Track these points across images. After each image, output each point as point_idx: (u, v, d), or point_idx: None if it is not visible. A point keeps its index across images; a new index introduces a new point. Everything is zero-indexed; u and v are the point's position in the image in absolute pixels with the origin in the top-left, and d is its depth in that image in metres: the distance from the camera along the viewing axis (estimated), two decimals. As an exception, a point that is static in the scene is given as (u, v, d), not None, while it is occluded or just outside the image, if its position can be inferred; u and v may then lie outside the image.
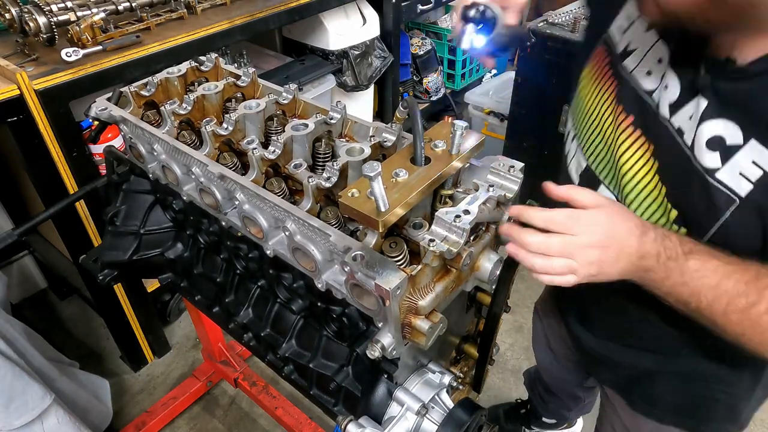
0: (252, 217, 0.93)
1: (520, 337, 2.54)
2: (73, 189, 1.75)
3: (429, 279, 0.83)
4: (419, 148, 0.82)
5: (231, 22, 2.00)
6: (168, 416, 2.13)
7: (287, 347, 1.10)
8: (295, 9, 2.24)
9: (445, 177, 0.83)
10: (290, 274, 1.05)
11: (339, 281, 0.87)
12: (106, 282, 1.35)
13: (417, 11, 3.15)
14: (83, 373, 2.06)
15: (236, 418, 2.24)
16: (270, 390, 2.04)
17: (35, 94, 1.56)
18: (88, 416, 1.91)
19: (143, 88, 1.22)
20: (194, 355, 2.46)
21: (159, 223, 1.32)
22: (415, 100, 3.30)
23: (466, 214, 0.77)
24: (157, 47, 1.80)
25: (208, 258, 1.29)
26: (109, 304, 2.10)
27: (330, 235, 0.82)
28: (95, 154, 1.92)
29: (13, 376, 1.49)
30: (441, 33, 3.79)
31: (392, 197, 0.75)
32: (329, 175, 0.91)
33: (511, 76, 2.89)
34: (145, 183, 1.30)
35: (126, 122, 1.15)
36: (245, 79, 1.22)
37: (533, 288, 2.78)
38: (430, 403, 0.93)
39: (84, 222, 1.86)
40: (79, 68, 1.63)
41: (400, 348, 0.84)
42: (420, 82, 3.67)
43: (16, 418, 1.50)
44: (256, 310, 1.19)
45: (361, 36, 2.81)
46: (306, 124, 1.03)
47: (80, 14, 1.75)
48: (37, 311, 2.66)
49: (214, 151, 1.05)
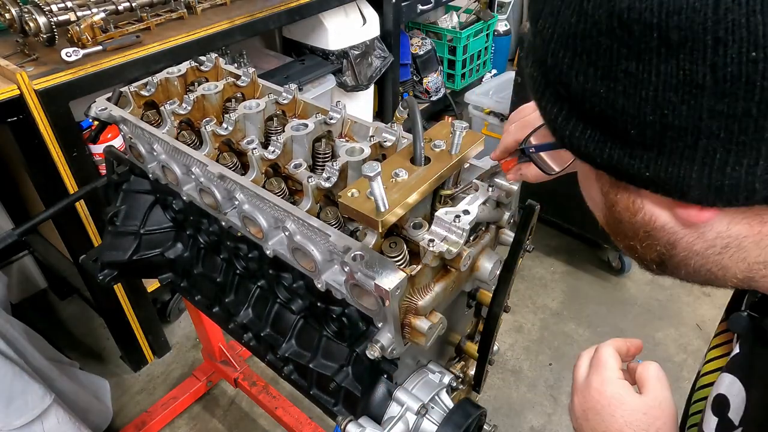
0: (252, 217, 0.93)
1: (520, 337, 2.54)
2: (73, 189, 1.75)
3: (428, 279, 0.83)
4: (419, 148, 0.82)
5: (231, 22, 2.00)
6: (168, 416, 2.13)
7: (287, 347, 1.10)
8: (295, 9, 2.24)
9: (445, 177, 0.83)
10: (290, 274, 1.05)
11: (339, 281, 0.87)
12: (106, 282, 1.35)
13: (417, 11, 3.15)
14: (83, 373, 2.06)
15: (236, 418, 2.24)
16: (270, 390, 2.04)
17: (35, 94, 1.56)
18: (88, 416, 1.91)
19: (143, 88, 1.22)
20: (194, 355, 2.46)
21: (159, 223, 1.32)
22: (415, 100, 3.30)
23: (465, 214, 0.77)
24: (157, 47, 1.80)
25: (208, 258, 1.29)
26: (109, 304, 2.10)
27: (330, 235, 0.82)
28: (95, 154, 1.92)
29: (13, 376, 1.49)
30: (441, 33, 3.79)
31: (392, 197, 0.75)
32: (329, 175, 0.91)
33: (511, 76, 2.89)
34: (145, 183, 1.30)
35: (126, 122, 1.15)
36: (245, 79, 1.22)
37: (533, 288, 2.78)
38: (430, 403, 0.93)
39: (84, 222, 1.86)
40: (79, 68, 1.63)
41: (400, 348, 0.84)
42: (420, 82, 3.67)
43: (16, 418, 1.50)
44: (255, 310, 1.19)
45: (361, 36, 2.81)
46: (306, 124, 1.03)
47: (80, 14, 1.75)
48: (37, 311, 2.66)
49: (214, 151, 1.05)
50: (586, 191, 0.58)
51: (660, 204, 0.49)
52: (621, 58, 0.41)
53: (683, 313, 2.61)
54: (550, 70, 0.47)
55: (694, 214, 0.46)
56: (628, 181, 0.47)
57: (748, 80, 0.37)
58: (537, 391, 2.30)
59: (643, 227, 0.51)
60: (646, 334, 2.51)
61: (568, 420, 2.21)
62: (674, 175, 0.43)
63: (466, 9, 4.06)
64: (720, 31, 0.36)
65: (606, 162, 0.47)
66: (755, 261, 0.49)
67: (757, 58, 0.36)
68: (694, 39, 0.37)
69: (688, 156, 0.42)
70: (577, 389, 0.72)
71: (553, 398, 2.28)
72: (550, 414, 2.22)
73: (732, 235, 0.47)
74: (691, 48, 0.38)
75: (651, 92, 0.40)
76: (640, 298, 2.69)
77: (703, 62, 0.38)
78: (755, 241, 0.47)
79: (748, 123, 0.39)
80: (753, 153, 0.40)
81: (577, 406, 0.71)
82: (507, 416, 2.22)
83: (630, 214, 0.51)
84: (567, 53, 0.44)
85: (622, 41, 0.40)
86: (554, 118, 0.49)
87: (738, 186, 0.41)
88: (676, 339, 2.49)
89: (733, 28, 0.36)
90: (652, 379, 0.68)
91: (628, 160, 0.45)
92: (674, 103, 0.40)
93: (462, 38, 3.73)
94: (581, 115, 0.46)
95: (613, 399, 0.67)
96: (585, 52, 0.43)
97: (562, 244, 2.98)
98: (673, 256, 0.52)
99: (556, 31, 0.45)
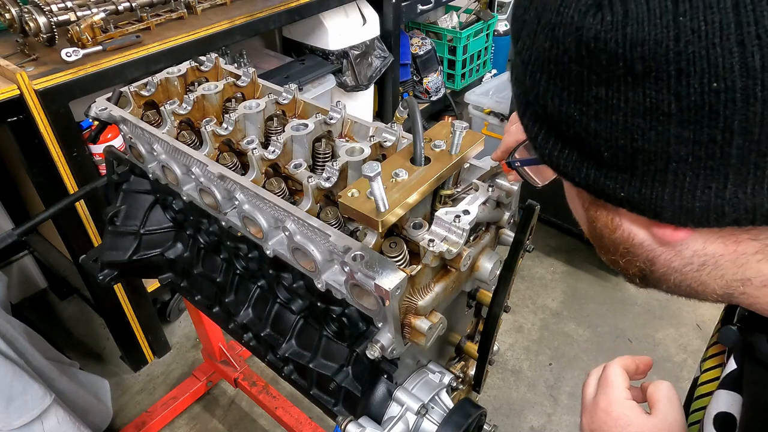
0: (252, 217, 0.93)
1: (520, 337, 2.54)
2: (73, 189, 1.75)
3: (428, 279, 0.83)
4: (419, 148, 0.82)
5: (231, 22, 2.00)
6: (168, 416, 2.13)
7: (287, 347, 1.10)
8: (295, 9, 2.24)
9: (445, 177, 0.83)
10: (290, 274, 1.05)
11: (339, 281, 0.87)
12: (106, 282, 1.35)
13: (417, 11, 3.15)
14: (83, 373, 2.06)
15: (236, 418, 2.24)
16: (270, 390, 2.04)
17: (35, 94, 1.56)
18: (88, 416, 1.91)
19: (143, 88, 1.22)
20: (194, 355, 2.46)
21: (159, 223, 1.32)
22: (415, 100, 3.29)
23: (465, 215, 0.77)
24: (157, 47, 1.80)
25: (208, 258, 1.29)
26: (109, 304, 2.10)
27: (330, 235, 0.82)
28: (95, 154, 1.92)
29: (13, 376, 1.49)
30: (441, 33, 3.79)
31: (392, 197, 0.75)
32: (329, 175, 0.91)
33: (511, 76, 2.89)
34: (145, 183, 1.30)
35: (126, 122, 1.15)
36: (245, 79, 1.22)
37: (533, 288, 2.78)
38: (430, 403, 0.93)
39: (84, 222, 1.86)
40: (79, 68, 1.63)
41: (400, 348, 0.84)
42: (420, 82, 3.67)
43: (16, 418, 1.50)
44: (256, 310, 1.19)
45: (361, 36, 2.81)
46: (306, 124, 1.03)
47: (80, 14, 1.75)
48: (37, 311, 2.66)
49: (214, 151, 1.05)
50: (570, 204, 0.60)
51: (637, 222, 0.49)
52: (591, 84, 0.42)
53: (683, 313, 2.61)
54: (529, 91, 0.48)
55: (669, 233, 0.47)
56: (605, 199, 0.48)
57: (711, 109, 0.38)
58: (537, 391, 2.31)
59: (623, 243, 0.52)
60: (646, 334, 2.52)
61: (568, 420, 2.21)
62: (647, 196, 0.44)
63: (466, 9, 4.06)
64: (682, 62, 0.37)
65: (584, 181, 0.48)
66: (732, 279, 0.49)
67: (718, 88, 0.37)
68: (658, 69, 0.38)
69: (659, 179, 0.43)
70: (585, 409, 0.72)
71: (553, 398, 2.28)
72: (550, 414, 2.22)
73: (708, 253, 0.48)
74: (656, 77, 0.39)
75: (621, 117, 0.41)
76: (640, 298, 2.69)
77: (668, 91, 0.39)
78: (731, 259, 0.48)
79: (713, 149, 0.39)
80: (721, 177, 0.40)
81: (585, 426, 0.71)
82: (507, 416, 2.22)
83: (609, 230, 0.52)
84: (543, 76, 0.45)
85: (591, 68, 0.41)
86: (535, 137, 0.50)
87: (708, 208, 0.42)
88: (676, 339, 2.49)
89: (694, 59, 0.37)
90: (662, 400, 0.66)
91: (603, 180, 0.46)
92: (643, 129, 0.41)
93: (462, 38, 3.73)
94: (559, 136, 0.47)
95: (620, 420, 0.66)
96: (558, 76, 0.44)
97: (562, 244, 2.98)
98: (653, 271, 0.53)
99: (533, 54, 0.46)
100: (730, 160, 0.39)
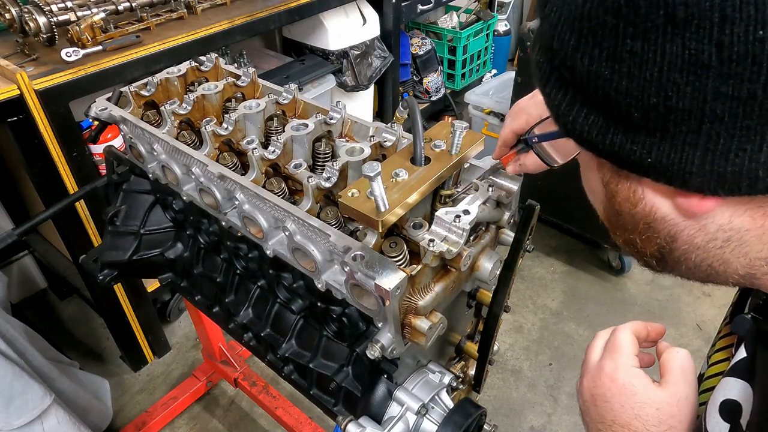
0: (252, 217, 0.93)
1: (520, 337, 2.54)
2: (73, 189, 1.75)
3: (429, 279, 0.83)
4: (419, 148, 0.82)
5: (231, 22, 2.00)
6: (168, 416, 2.13)
7: (287, 347, 1.10)
8: (295, 9, 2.24)
9: (445, 177, 0.83)
10: (290, 274, 1.05)
11: (339, 281, 0.87)
12: (106, 282, 1.35)
13: (417, 11, 3.15)
14: (83, 373, 2.06)
15: (236, 418, 2.24)
16: (270, 390, 2.04)
17: (35, 94, 1.56)
18: (88, 416, 1.91)
19: (143, 88, 1.22)
20: (194, 355, 2.46)
21: (159, 223, 1.32)
22: (415, 100, 3.29)
23: (465, 214, 0.77)
24: (157, 47, 1.80)
25: (208, 258, 1.29)
26: (109, 304, 2.10)
27: (330, 235, 0.82)
28: (95, 154, 1.92)
29: (13, 376, 1.49)
30: (441, 33, 3.79)
31: (392, 197, 0.75)
32: (329, 175, 0.91)
33: (511, 76, 2.89)
34: (145, 183, 1.30)
35: (126, 122, 1.15)
36: (245, 79, 1.22)
37: (533, 288, 2.78)
38: (430, 403, 0.93)
39: (84, 222, 1.86)
40: (79, 68, 1.63)
41: (400, 348, 0.84)
42: (420, 82, 3.67)
43: (16, 418, 1.50)
44: (256, 310, 1.19)
45: (361, 36, 2.81)
46: (306, 124, 1.03)
47: (80, 14, 1.75)
48: (37, 311, 2.66)
49: (214, 151, 1.05)
50: (587, 183, 0.58)
51: (661, 193, 0.48)
52: (626, 37, 0.40)
53: (683, 313, 2.61)
54: (556, 54, 0.47)
55: (695, 204, 0.45)
56: (629, 168, 0.47)
57: (754, 60, 0.36)
58: (537, 391, 2.30)
59: (644, 219, 0.51)
60: (646, 334, 2.51)
61: (568, 420, 2.20)
62: (676, 161, 0.42)
63: (466, 9, 4.06)
64: (727, 9, 0.36)
65: (608, 149, 0.46)
66: (757, 256, 0.48)
67: (764, 37, 0.35)
68: (701, 16, 0.37)
69: (691, 141, 0.41)
70: (587, 371, 0.68)
71: (553, 398, 2.28)
72: (550, 414, 2.22)
73: (734, 228, 0.46)
74: (698, 26, 0.37)
75: (656, 73, 0.40)
76: (640, 298, 2.69)
77: (709, 41, 0.37)
78: (757, 235, 0.46)
79: (752, 106, 0.38)
80: (757, 138, 0.39)
81: (585, 388, 0.67)
82: (507, 416, 2.22)
83: (630, 205, 0.51)
84: (573, 35, 0.44)
85: (628, 20, 0.40)
86: (558, 104, 0.49)
87: (741, 173, 0.41)
88: (676, 339, 2.49)
89: (741, 5, 0.35)
90: (675, 370, 0.62)
91: (630, 146, 0.44)
92: (678, 85, 0.39)
93: (462, 38, 3.73)
94: (585, 100, 0.46)
95: (624, 388, 0.62)
96: (591, 33, 0.43)
97: (562, 244, 2.98)
98: (674, 249, 0.51)
99: (563, 14, 0.45)
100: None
